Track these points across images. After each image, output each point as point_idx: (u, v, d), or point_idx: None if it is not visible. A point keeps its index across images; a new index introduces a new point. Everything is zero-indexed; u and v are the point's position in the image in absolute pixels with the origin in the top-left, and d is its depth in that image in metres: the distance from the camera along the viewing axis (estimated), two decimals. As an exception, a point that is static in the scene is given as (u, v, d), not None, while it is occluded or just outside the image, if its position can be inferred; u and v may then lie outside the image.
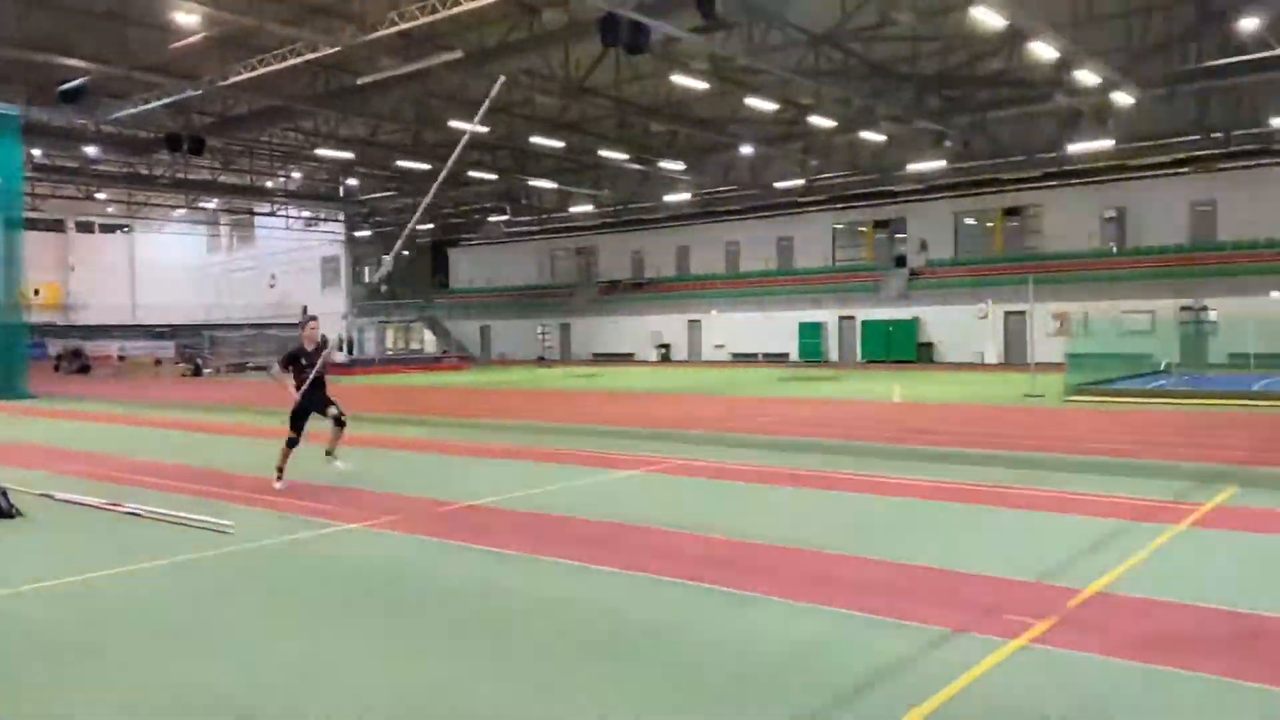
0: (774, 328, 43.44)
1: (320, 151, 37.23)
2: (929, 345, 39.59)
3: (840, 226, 45.74)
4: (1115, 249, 37.18)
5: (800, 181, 40.61)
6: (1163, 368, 27.06)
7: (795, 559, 6.41)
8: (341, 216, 57.62)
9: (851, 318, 41.76)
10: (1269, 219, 33.99)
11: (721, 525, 7.45)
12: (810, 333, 42.71)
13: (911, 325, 39.87)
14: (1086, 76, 25.29)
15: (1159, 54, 28.21)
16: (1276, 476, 9.52)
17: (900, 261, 42.99)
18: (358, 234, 58.92)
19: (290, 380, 9.30)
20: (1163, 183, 36.25)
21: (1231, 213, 34.87)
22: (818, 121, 30.39)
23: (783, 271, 46.12)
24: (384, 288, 58.53)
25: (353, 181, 48.62)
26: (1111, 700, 3.95)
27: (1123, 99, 28.49)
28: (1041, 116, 32.37)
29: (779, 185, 41.24)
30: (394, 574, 6.26)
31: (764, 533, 7.17)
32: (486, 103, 10.07)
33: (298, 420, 9.36)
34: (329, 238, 59.12)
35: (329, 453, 9.57)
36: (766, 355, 43.50)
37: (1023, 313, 31.54)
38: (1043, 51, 22.78)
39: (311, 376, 9.25)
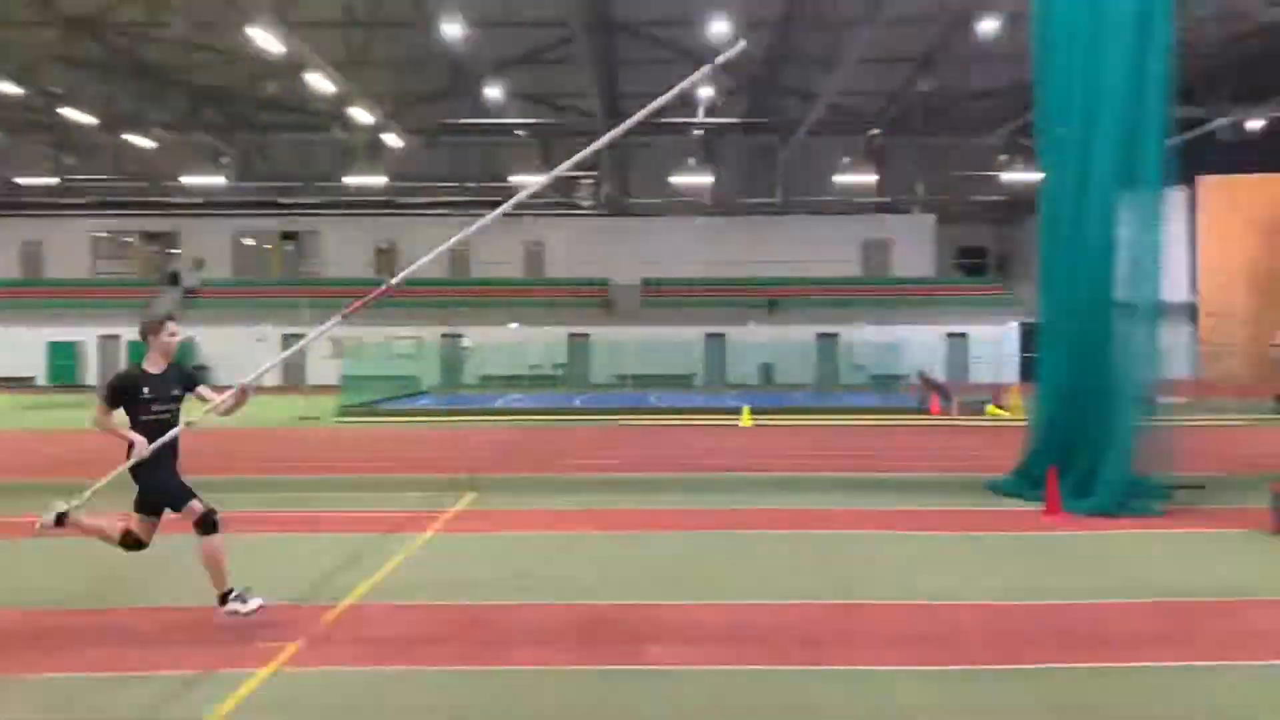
0: (14, 346, 37.06)
1: None
2: (203, 368, 37.75)
3: (103, 235, 41.11)
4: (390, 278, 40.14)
5: (53, 180, 35.48)
6: (425, 389, 30.05)
7: None
8: None
9: (116, 337, 37.75)
10: (511, 261, 40.31)
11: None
12: (63, 354, 37.43)
13: (186, 346, 37.57)
14: (361, 114, 26.88)
15: (423, 104, 31.31)
16: (508, 481, 11.13)
17: (174, 279, 40.28)
18: None
19: (124, 428, 5.16)
20: (428, 221, 40.35)
21: (482, 253, 40.35)
22: (73, 115, 26.93)
23: (29, 282, 39.69)
24: None
25: None
26: (362, 707, 4.16)
27: (393, 140, 30.92)
28: (321, 145, 33.49)
29: (24, 181, 35.44)
30: None
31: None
32: None
33: (150, 504, 5.31)
34: None
35: (225, 598, 5.21)
36: (3, 379, 36.86)
37: (301, 336, 32.02)
38: (321, 84, 23.55)
39: (163, 429, 5.23)
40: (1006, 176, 36.25)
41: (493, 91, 29.60)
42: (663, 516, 8.75)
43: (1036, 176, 11.64)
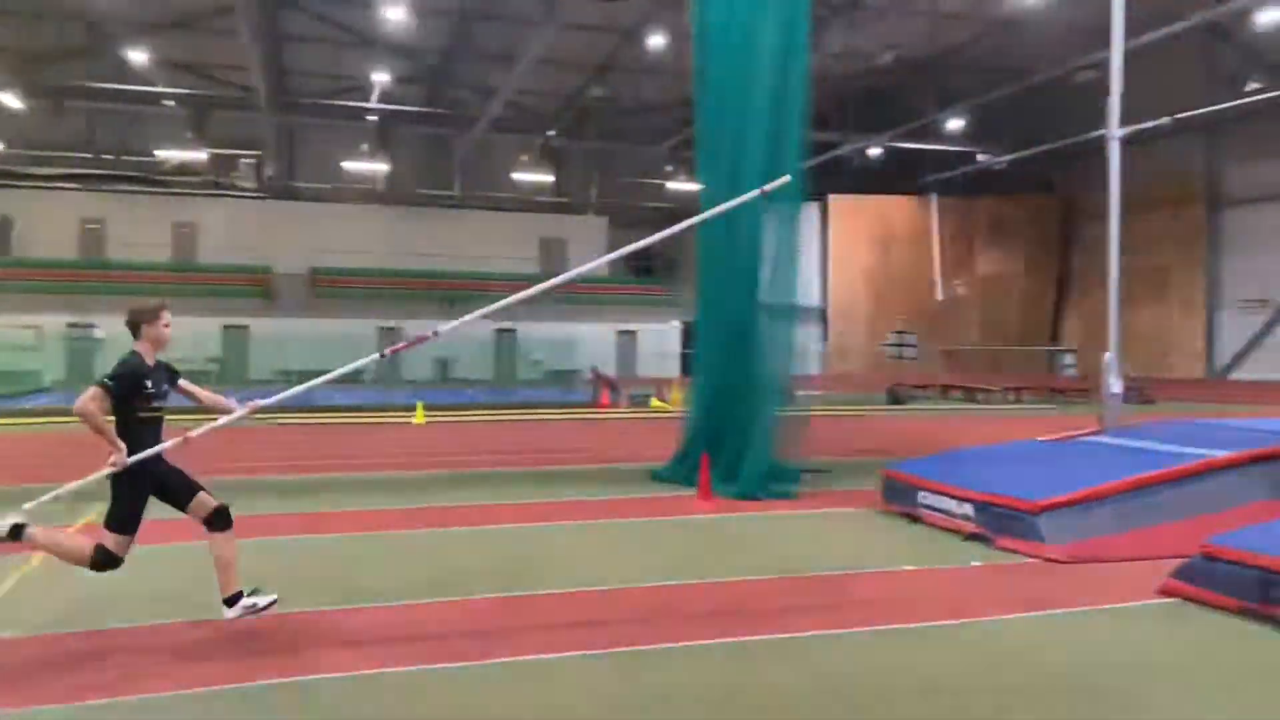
0: None
1: None
2: None
3: None
4: (-3, 257, 34.71)
5: None
6: (46, 385, 26.34)
7: None
8: None
9: None
10: (157, 243, 36.33)
11: None
12: None
13: None
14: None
15: (52, 64, 27.43)
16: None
17: None
18: None
19: (109, 430, 4.59)
20: (54, 195, 35.36)
21: (119, 233, 36.06)
22: None
23: None
24: None
25: None
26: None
27: (13, 102, 26.81)
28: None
29: None
30: None
31: None
32: None
33: (133, 514, 4.70)
34: None
35: (230, 601, 4.81)
36: None
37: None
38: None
39: (156, 425, 4.78)
40: (672, 185, 38.69)
41: (137, 55, 26.64)
42: (324, 520, 8.36)
43: (696, 187, 12.53)
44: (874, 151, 37.08)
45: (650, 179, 40.08)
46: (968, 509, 7.62)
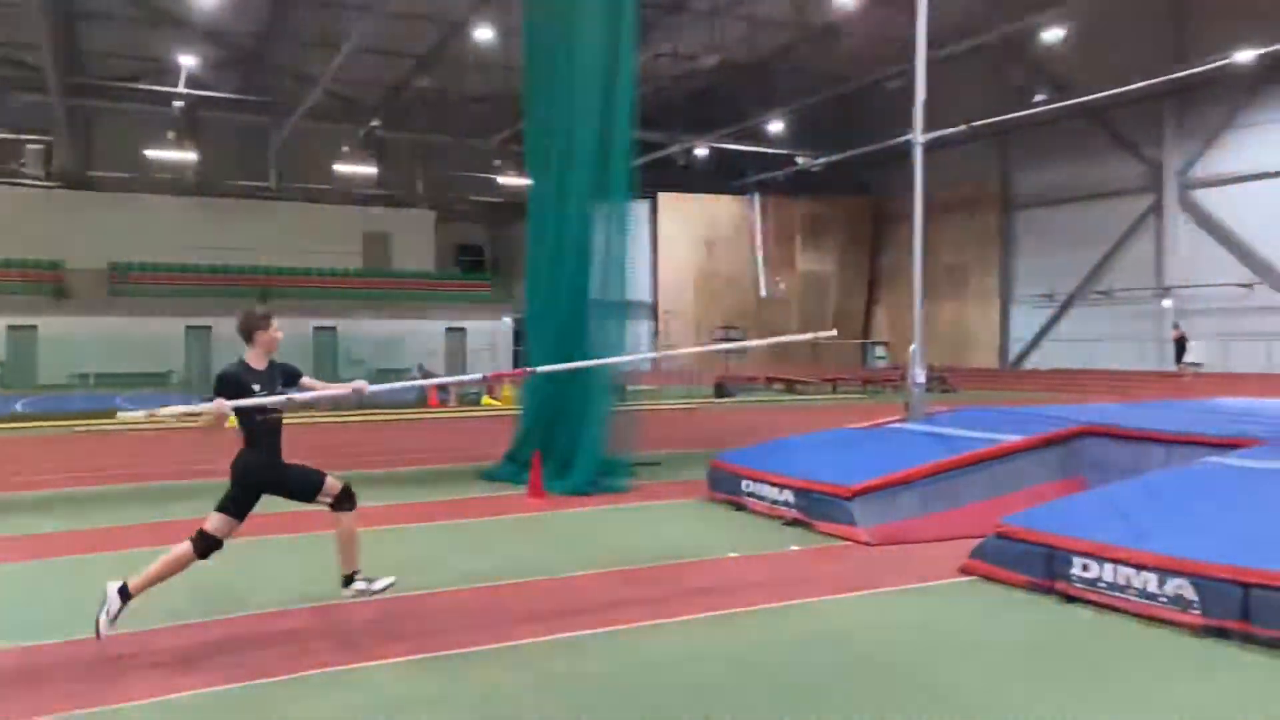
0: None
1: None
2: None
3: None
4: None
5: None
6: None
7: None
8: None
9: None
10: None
11: None
12: None
13: None
14: None
15: None
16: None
17: None
18: None
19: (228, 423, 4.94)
20: None
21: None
22: None
23: None
24: None
25: None
26: None
27: None
28: None
29: None
30: None
31: None
32: None
33: (245, 501, 5.00)
34: None
35: (349, 580, 5.18)
36: None
37: None
38: None
39: (275, 427, 5.17)
40: (501, 180, 38.30)
41: None
42: (116, 534, 7.78)
43: (526, 182, 12.46)
44: (700, 152, 38.01)
45: (479, 173, 39.53)
46: (788, 495, 7.94)
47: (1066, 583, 5.51)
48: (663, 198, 39.86)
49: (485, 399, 21.53)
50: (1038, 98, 29.99)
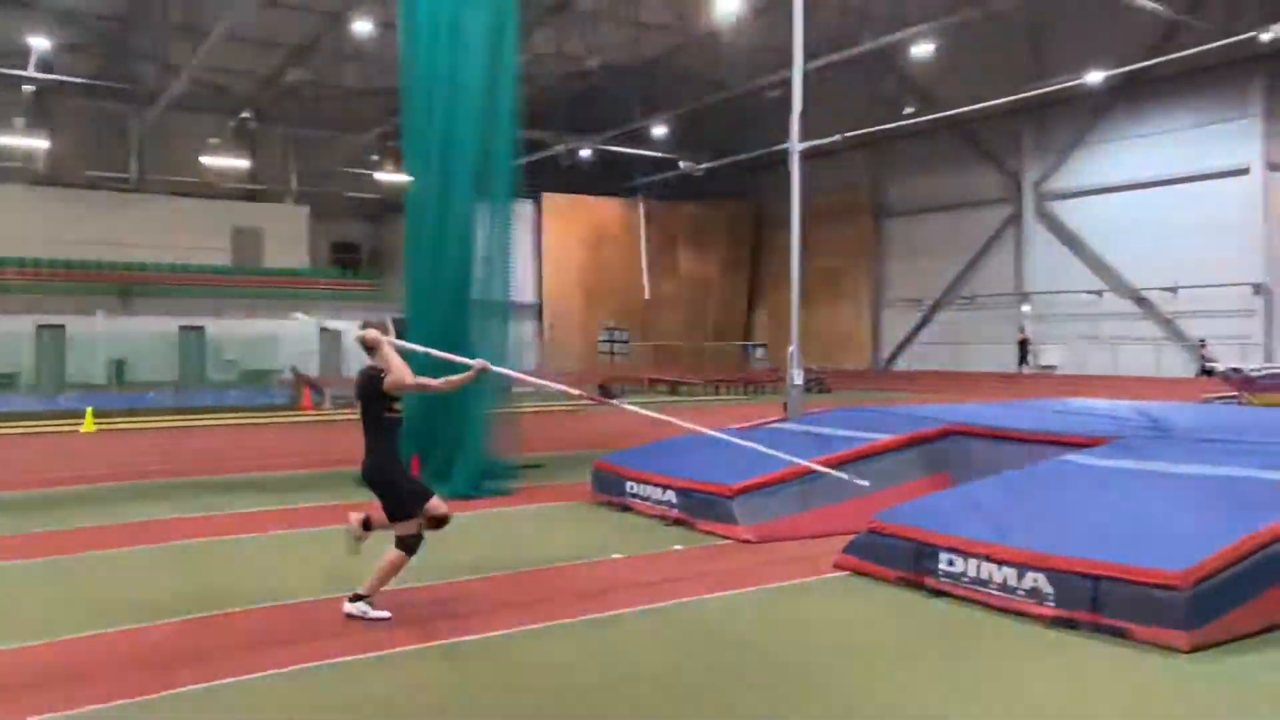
0: None
1: None
2: None
3: None
4: None
5: None
6: None
7: None
8: None
9: None
10: None
11: None
12: None
13: None
14: None
15: None
16: None
17: None
18: None
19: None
20: None
21: None
22: None
23: None
24: None
25: None
26: None
27: None
28: None
29: None
30: None
31: None
32: None
33: (413, 491, 5.51)
34: None
35: (358, 597, 5.36)
36: None
37: None
38: None
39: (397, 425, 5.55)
40: (380, 176, 37.40)
41: None
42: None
43: (405, 179, 12.17)
44: (585, 153, 38.01)
45: (356, 168, 38.46)
46: (671, 496, 8.02)
47: (934, 577, 5.74)
48: (547, 198, 39.64)
49: (363, 401, 20.93)
50: (908, 110, 31.20)
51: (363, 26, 27.74)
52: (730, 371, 33.59)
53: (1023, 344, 31.58)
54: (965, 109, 18.98)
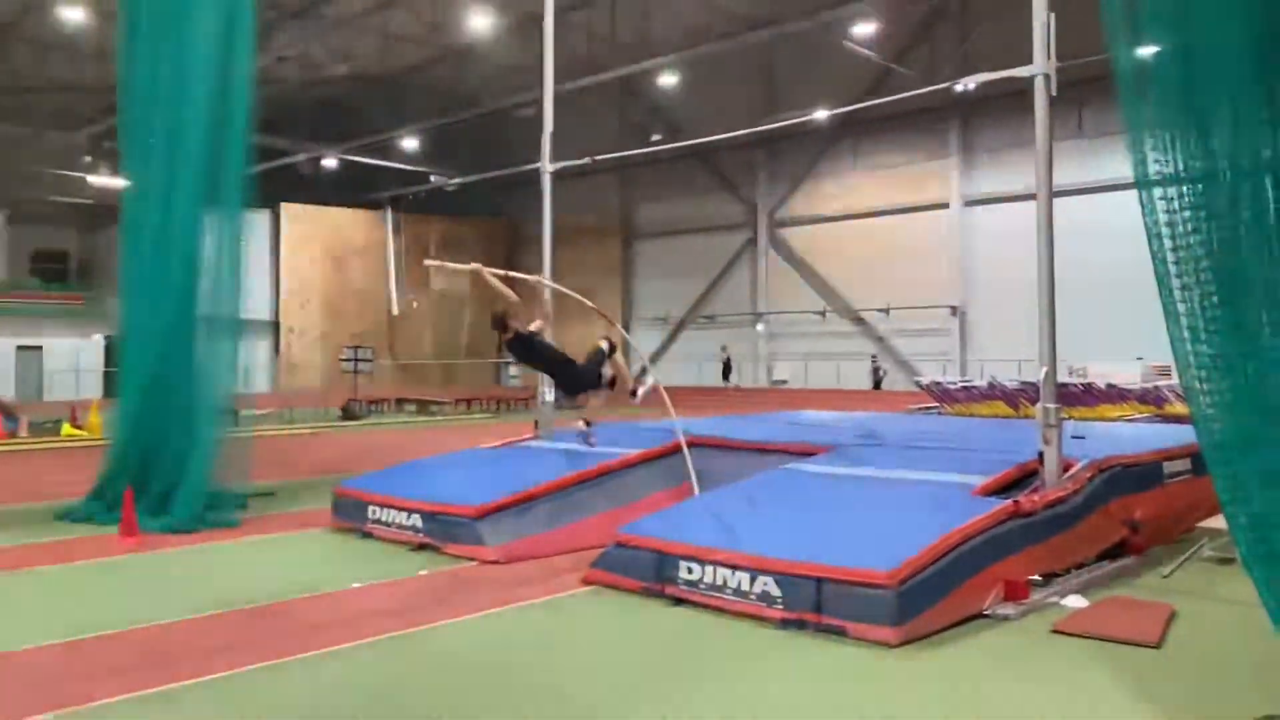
0: None
1: None
2: None
3: None
4: None
5: None
6: None
7: None
8: None
9: None
10: None
11: None
12: None
13: None
14: None
15: None
16: None
17: None
18: None
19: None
20: None
21: None
22: None
23: None
24: None
25: None
26: None
27: None
28: None
29: None
30: None
31: None
32: None
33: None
34: None
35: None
36: None
37: None
38: None
39: None
40: (92, 179, 33.94)
41: None
42: None
43: (123, 183, 11.05)
44: (330, 163, 36.42)
45: (64, 170, 34.65)
46: (416, 520, 7.78)
47: (675, 585, 5.94)
48: (286, 208, 37.53)
49: (66, 428, 18.75)
50: (655, 137, 32.42)
51: (72, 14, 25.12)
52: (482, 390, 33.25)
53: (726, 363, 34.08)
54: (706, 139, 20.00)
